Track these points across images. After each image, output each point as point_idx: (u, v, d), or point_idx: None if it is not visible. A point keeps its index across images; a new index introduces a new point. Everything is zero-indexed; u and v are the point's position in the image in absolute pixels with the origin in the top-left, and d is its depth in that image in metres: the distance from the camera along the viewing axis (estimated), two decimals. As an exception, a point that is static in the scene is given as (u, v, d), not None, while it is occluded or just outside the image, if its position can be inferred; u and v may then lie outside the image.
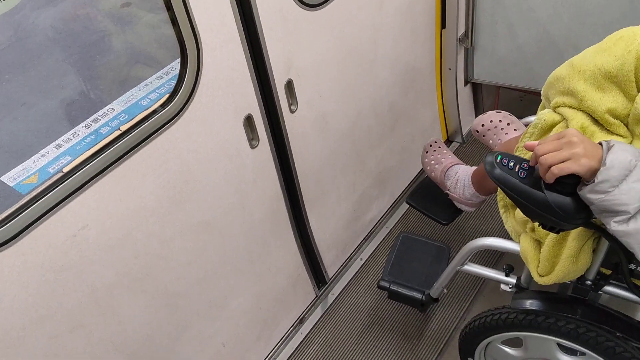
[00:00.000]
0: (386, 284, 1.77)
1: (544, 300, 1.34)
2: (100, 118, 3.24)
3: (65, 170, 2.94)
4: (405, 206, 2.37)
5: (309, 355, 1.94)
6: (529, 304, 1.34)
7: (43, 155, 3.01)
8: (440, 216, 1.88)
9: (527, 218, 1.25)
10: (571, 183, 0.97)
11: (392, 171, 2.31)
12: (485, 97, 2.63)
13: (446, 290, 1.69)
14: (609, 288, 1.27)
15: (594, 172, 0.95)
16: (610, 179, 0.93)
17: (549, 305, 1.32)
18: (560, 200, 0.98)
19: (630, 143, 1.16)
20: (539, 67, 2.21)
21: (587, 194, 0.96)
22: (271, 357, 1.94)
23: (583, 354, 1.34)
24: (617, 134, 1.18)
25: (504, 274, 1.48)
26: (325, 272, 2.09)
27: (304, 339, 1.99)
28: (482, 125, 1.85)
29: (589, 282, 1.26)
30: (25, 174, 2.94)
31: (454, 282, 2.06)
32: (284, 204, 1.76)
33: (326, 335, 1.98)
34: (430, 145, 1.93)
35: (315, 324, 2.02)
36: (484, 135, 1.86)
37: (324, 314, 2.05)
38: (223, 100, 1.39)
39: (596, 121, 1.19)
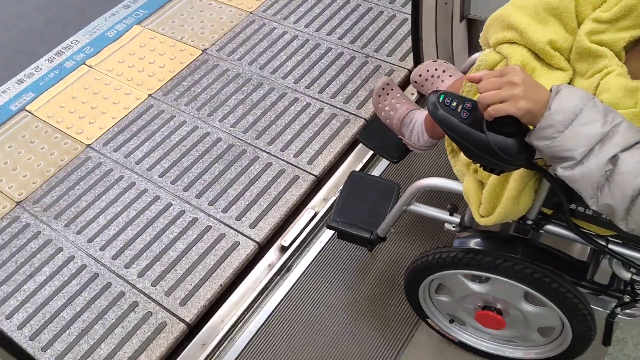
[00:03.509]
0: (335, 224, 1.72)
1: (484, 239, 1.36)
2: (64, 51, 3.01)
3: (29, 108, 2.73)
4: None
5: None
6: (470, 242, 1.37)
7: (4, 92, 2.79)
8: (391, 154, 1.83)
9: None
10: (510, 123, 0.94)
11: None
12: (480, 35, 2.48)
13: (393, 230, 1.68)
14: (550, 227, 1.28)
15: (536, 116, 0.92)
16: (555, 124, 0.90)
17: (490, 244, 1.35)
18: (501, 142, 0.96)
19: (571, 77, 1.18)
20: (541, 3, 2.06)
21: (534, 140, 0.94)
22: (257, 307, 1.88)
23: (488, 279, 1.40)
24: (557, 68, 1.18)
25: (448, 213, 1.46)
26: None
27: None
28: (420, 75, 1.79)
29: (530, 222, 1.27)
30: (-15, 112, 2.71)
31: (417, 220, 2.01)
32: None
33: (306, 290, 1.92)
34: (383, 89, 1.82)
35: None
36: (422, 86, 1.80)
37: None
38: None
39: (537, 56, 1.19)
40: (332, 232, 2.02)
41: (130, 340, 1.85)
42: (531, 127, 0.95)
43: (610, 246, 1.22)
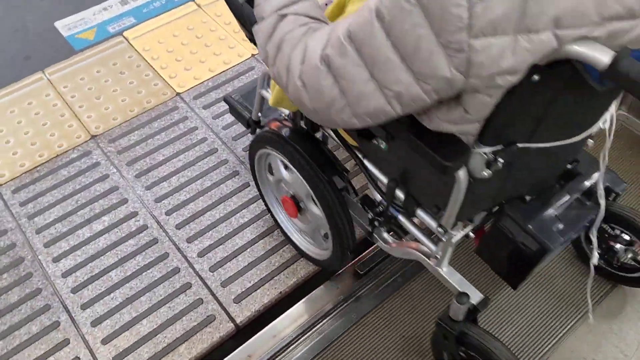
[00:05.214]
0: (229, 98, 1.90)
1: (289, 129, 1.52)
2: (176, -19, 2.79)
3: (126, 34, 2.56)
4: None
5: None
6: (281, 129, 1.52)
7: (105, 9, 2.63)
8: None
9: None
10: None
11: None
12: None
13: (260, 114, 1.77)
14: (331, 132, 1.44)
15: None
16: None
17: (287, 132, 1.51)
18: (249, 11, 1.09)
19: None
20: None
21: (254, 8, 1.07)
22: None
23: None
24: None
25: None
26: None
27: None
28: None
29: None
30: (82, 27, 2.57)
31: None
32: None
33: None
34: None
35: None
36: None
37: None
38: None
39: None
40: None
41: (174, 325, 1.72)
42: None
43: (366, 162, 1.36)
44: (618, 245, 1.60)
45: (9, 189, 1.98)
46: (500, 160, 1.01)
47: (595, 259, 1.34)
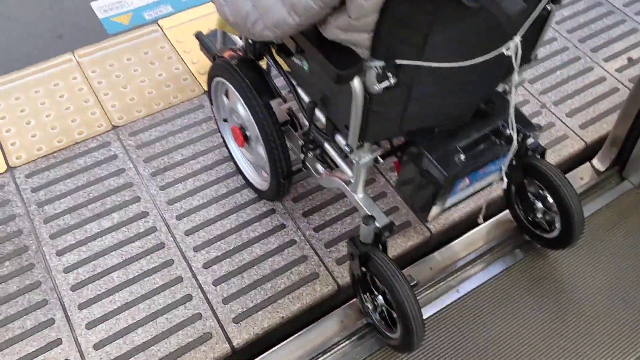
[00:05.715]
0: (201, 35, 1.97)
1: (238, 58, 1.61)
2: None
3: (162, 23, 2.50)
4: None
5: None
6: (227, 55, 1.63)
7: (144, -6, 2.56)
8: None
9: None
10: None
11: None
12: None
13: (223, 46, 1.86)
14: (267, 57, 1.56)
15: None
16: None
17: (235, 60, 1.60)
18: None
19: None
20: None
21: None
22: None
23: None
24: None
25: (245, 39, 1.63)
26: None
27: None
28: None
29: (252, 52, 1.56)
30: (118, 10, 2.51)
31: None
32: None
33: None
34: None
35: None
36: None
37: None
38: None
39: None
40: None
41: (169, 338, 1.66)
42: None
43: (299, 89, 1.48)
44: (538, 204, 1.68)
45: (23, 173, 1.95)
46: (390, 75, 1.08)
47: (504, 184, 1.40)
